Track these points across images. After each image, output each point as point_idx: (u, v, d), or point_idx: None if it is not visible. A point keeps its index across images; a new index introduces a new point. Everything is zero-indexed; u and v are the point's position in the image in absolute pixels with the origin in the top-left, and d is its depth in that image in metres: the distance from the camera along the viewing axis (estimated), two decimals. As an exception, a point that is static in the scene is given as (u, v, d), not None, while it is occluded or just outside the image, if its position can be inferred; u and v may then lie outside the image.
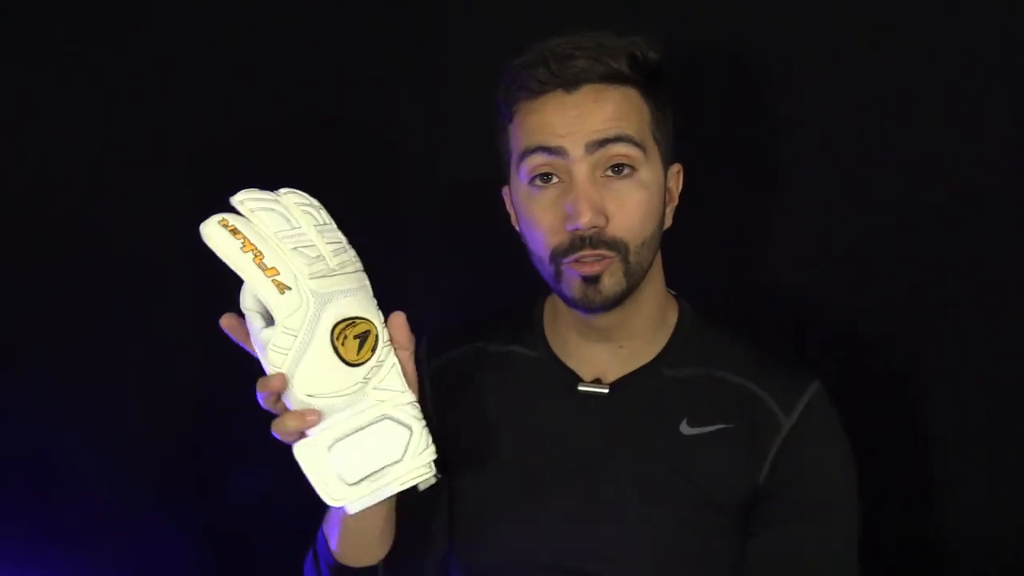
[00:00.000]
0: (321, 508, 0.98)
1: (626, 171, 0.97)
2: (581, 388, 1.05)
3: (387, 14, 1.40)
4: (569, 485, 1.02)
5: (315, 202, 0.89)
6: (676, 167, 1.05)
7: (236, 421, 0.97)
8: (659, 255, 1.05)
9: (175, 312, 1.46)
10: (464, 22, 1.38)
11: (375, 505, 0.91)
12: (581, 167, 0.95)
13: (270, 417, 0.87)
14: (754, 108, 1.32)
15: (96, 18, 1.44)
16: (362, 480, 0.86)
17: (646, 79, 0.99)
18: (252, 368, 0.88)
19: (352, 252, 0.89)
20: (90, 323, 1.49)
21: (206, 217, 0.86)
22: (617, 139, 0.95)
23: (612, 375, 1.05)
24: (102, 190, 1.48)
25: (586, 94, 0.96)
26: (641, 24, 1.00)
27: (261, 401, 0.87)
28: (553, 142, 0.96)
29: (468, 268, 1.42)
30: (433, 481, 0.90)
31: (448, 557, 1.09)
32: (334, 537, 1.00)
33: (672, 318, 1.08)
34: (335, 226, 0.89)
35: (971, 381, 1.28)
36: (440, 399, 1.10)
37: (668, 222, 1.04)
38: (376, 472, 0.87)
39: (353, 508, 0.87)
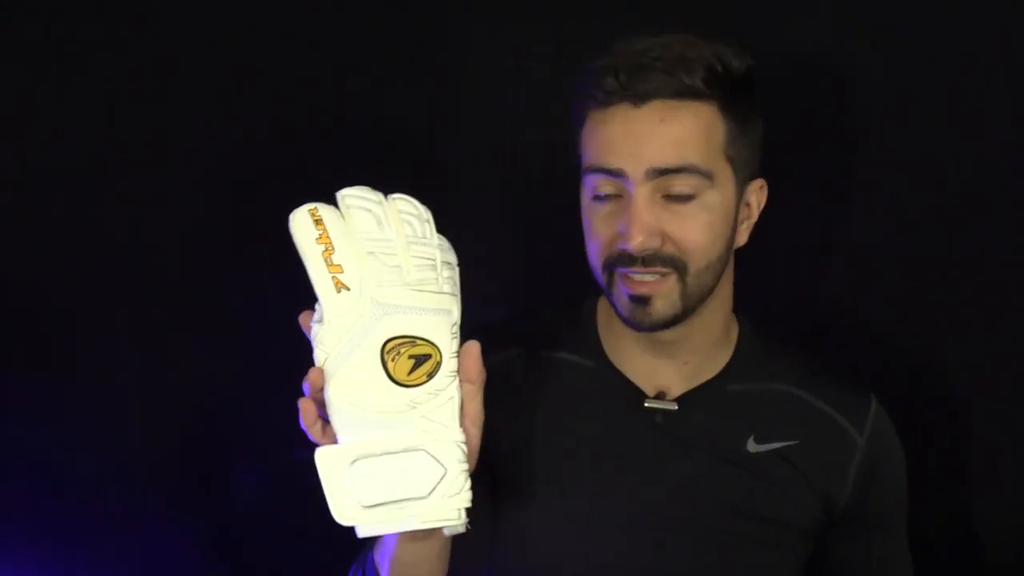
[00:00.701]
0: (323, 507, 0.98)
1: (684, 198, 0.92)
2: (648, 404, 1.01)
3: (387, 14, 1.40)
4: (631, 501, 0.99)
5: (424, 214, 0.84)
6: (759, 182, 1.00)
7: (237, 421, 0.97)
8: (731, 272, 1.02)
9: (175, 312, 1.46)
10: (464, 22, 1.38)
11: (428, 541, 0.88)
12: (640, 190, 0.91)
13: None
14: (774, 113, 1.32)
15: (96, 18, 1.44)
16: (379, 506, 0.81)
17: (727, 92, 0.93)
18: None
19: (447, 274, 0.84)
20: (90, 323, 1.49)
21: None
22: (680, 170, 0.91)
23: (675, 390, 1.02)
24: (102, 190, 1.48)
25: (654, 110, 0.91)
26: (641, 24, 0.99)
27: (306, 392, 0.83)
28: (614, 164, 0.92)
29: (469, 268, 1.41)
30: (462, 530, 0.85)
31: (487, 560, 1.05)
32: (385, 568, 0.94)
33: (734, 333, 1.06)
34: (437, 243, 0.84)
35: (972, 381, 1.28)
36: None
37: (742, 240, 1.00)
38: (396, 502, 0.81)
39: (363, 532, 0.82)
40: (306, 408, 0.81)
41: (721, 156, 0.93)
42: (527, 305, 1.12)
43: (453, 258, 0.85)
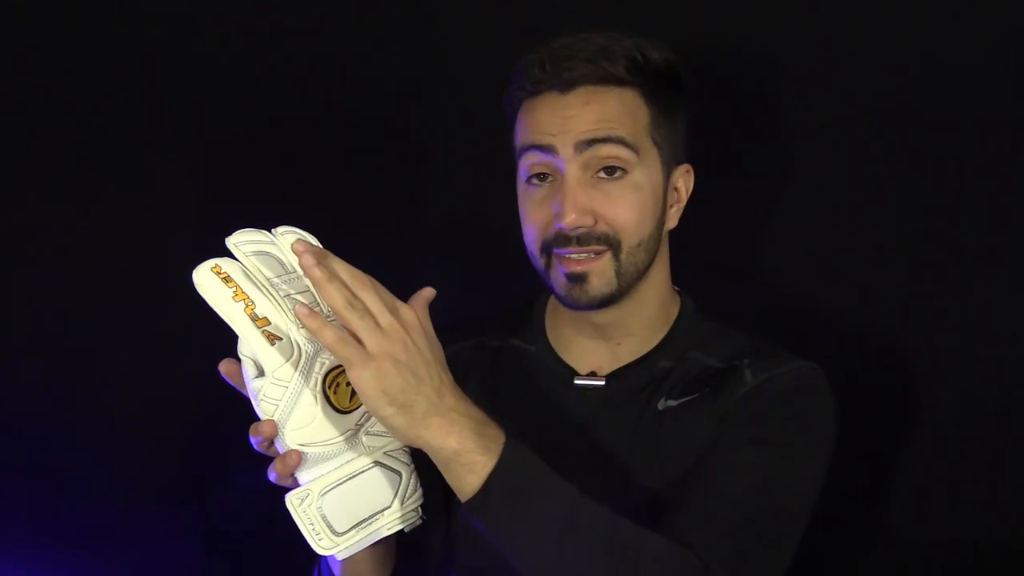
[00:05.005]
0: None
1: (618, 173, 0.98)
2: (578, 382, 1.06)
3: (386, 14, 1.40)
4: (565, 476, 1.00)
5: (312, 240, 0.88)
6: (684, 167, 1.05)
7: (235, 422, 0.97)
8: (665, 254, 1.06)
9: (174, 313, 1.46)
10: (463, 23, 1.38)
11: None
12: (571, 167, 0.97)
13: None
14: (754, 107, 1.33)
15: (95, 18, 1.44)
16: (351, 528, 0.86)
17: (649, 80, 0.99)
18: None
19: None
20: (89, 323, 1.49)
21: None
22: (607, 140, 0.97)
23: (609, 368, 1.06)
24: (102, 190, 1.48)
25: (579, 96, 0.98)
26: (641, 24, 1.00)
27: (255, 445, 0.87)
28: (545, 140, 0.98)
29: (470, 267, 1.42)
30: (419, 523, 0.91)
31: (446, 557, 1.08)
32: (336, 564, 1.01)
33: (673, 313, 1.08)
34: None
35: (971, 381, 1.28)
36: None
37: (672, 223, 1.05)
38: (366, 519, 0.87)
39: (341, 556, 0.86)
40: (279, 467, 0.85)
41: (647, 137, 0.99)
42: (534, 297, 1.15)
43: None
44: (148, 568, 1.55)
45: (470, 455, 0.84)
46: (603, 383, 1.05)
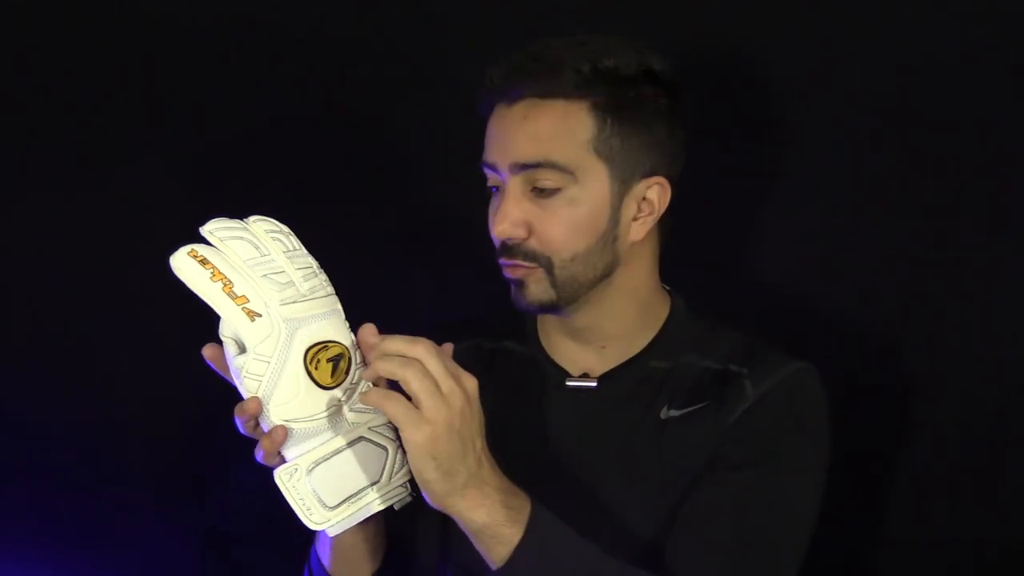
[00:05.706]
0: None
1: (547, 191, 0.99)
2: (570, 383, 1.07)
3: (386, 14, 1.40)
4: (559, 478, 1.03)
5: (284, 228, 0.89)
6: (655, 179, 1.02)
7: (233, 421, 0.98)
8: (638, 262, 1.04)
9: (173, 312, 1.46)
10: (463, 23, 1.38)
11: (362, 522, 0.92)
12: (510, 183, 0.99)
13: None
14: (754, 107, 1.33)
15: (95, 18, 1.44)
16: (341, 503, 0.88)
17: (602, 91, 0.98)
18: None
19: (323, 276, 0.90)
20: (89, 323, 1.49)
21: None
22: (538, 165, 0.98)
23: (600, 369, 1.07)
24: (101, 190, 1.48)
25: (519, 110, 0.99)
26: (640, 24, 1.00)
27: (240, 426, 0.88)
28: (490, 159, 1.01)
29: (469, 268, 1.42)
30: (409, 500, 0.92)
31: (441, 556, 1.09)
32: (326, 555, 1.02)
33: (663, 313, 1.08)
34: (305, 251, 0.90)
35: (971, 381, 1.28)
36: None
37: (637, 235, 1.02)
38: (355, 494, 0.89)
39: (334, 531, 0.88)
40: (266, 444, 0.86)
41: (588, 153, 0.99)
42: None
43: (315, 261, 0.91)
44: (148, 568, 1.55)
45: (498, 527, 0.88)
46: (595, 384, 1.06)
